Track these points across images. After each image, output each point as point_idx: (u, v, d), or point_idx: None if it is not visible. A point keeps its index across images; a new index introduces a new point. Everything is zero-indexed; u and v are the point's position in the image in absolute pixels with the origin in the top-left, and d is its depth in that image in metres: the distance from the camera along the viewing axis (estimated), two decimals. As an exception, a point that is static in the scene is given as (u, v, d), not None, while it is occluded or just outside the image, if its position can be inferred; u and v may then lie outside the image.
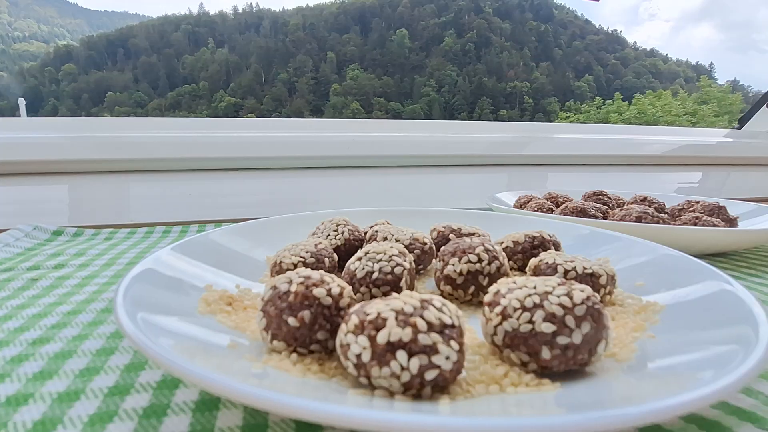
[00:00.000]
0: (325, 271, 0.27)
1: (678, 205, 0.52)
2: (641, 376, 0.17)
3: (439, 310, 0.17)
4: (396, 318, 0.16)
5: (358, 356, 0.16)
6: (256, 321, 0.20)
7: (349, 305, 0.20)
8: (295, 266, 0.26)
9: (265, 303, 0.20)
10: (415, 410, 0.14)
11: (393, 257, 0.24)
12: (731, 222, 0.46)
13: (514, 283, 0.20)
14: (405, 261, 0.25)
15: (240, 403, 0.13)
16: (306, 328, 0.19)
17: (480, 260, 0.26)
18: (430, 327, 0.16)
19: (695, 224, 0.43)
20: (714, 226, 0.43)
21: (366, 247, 0.26)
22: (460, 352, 0.17)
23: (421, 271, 0.33)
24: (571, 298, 0.18)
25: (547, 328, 0.18)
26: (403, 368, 0.15)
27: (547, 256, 0.27)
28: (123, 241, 0.47)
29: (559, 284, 0.19)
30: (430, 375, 0.15)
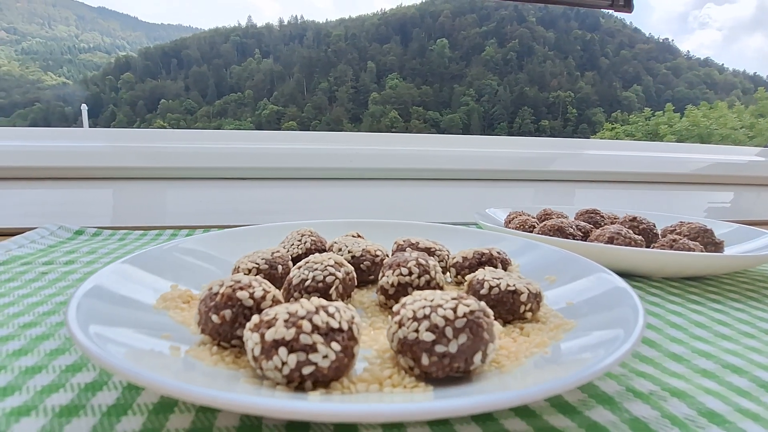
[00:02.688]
0: (278, 277, 0.31)
1: (670, 226, 0.51)
2: (510, 381, 0.19)
3: (331, 315, 0.19)
4: (286, 320, 0.19)
5: (253, 350, 0.19)
6: (193, 317, 0.23)
7: (270, 307, 0.23)
8: (250, 271, 0.30)
9: (200, 302, 0.23)
10: (282, 397, 0.17)
11: (328, 267, 0.27)
12: (716, 246, 0.46)
13: (420, 295, 0.22)
14: (339, 271, 0.27)
15: (134, 384, 0.16)
16: (227, 325, 0.22)
17: (410, 273, 0.28)
18: (315, 329, 0.19)
19: (671, 247, 0.43)
20: (690, 250, 0.42)
21: (309, 257, 0.28)
22: (344, 353, 0.19)
23: (376, 281, 0.35)
24: (454, 311, 0.20)
25: (428, 337, 0.20)
26: (283, 363, 0.18)
27: (480, 273, 0.29)
28: (133, 241, 0.52)
29: (452, 298, 0.21)
30: (306, 370, 0.18)
